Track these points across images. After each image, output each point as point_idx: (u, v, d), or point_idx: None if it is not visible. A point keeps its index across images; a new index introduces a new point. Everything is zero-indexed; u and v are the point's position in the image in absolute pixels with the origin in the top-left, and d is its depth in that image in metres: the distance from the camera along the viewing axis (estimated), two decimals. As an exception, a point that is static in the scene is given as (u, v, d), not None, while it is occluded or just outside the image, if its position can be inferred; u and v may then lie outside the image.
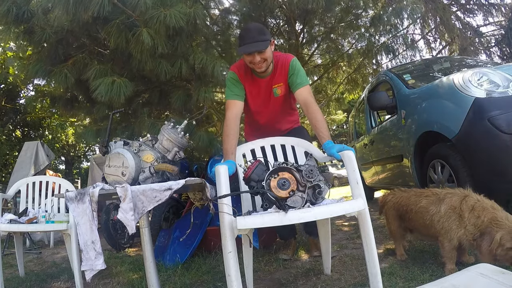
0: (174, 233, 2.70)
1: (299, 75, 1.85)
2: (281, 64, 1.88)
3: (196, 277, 2.08)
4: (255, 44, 1.73)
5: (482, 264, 1.02)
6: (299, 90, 1.82)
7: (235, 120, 1.79)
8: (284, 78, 1.89)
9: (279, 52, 1.97)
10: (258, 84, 1.93)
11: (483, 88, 1.96)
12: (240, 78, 1.90)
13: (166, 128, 1.74)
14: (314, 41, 5.28)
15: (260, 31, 1.76)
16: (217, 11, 4.61)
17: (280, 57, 1.90)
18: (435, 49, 7.33)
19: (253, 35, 1.74)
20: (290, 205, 1.27)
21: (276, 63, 1.89)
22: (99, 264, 1.45)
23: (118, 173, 1.59)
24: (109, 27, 2.65)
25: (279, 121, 2.10)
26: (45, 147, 5.83)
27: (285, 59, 1.88)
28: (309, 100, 1.79)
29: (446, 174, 2.20)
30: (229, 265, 1.24)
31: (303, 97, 1.81)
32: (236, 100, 1.86)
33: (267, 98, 1.96)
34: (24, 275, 2.57)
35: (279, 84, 1.92)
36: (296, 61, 1.89)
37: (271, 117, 2.05)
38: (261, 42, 1.73)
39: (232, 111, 1.82)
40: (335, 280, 1.71)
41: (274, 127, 2.08)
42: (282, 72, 1.89)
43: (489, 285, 0.91)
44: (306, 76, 1.90)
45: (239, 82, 1.90)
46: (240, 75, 1.90)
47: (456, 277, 0.98)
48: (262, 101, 1.98)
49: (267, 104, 1.98)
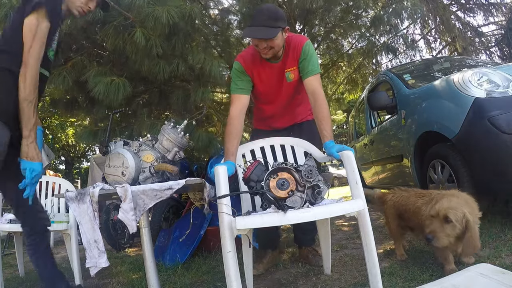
0: (174, 233, 2.70)
1: (312, 61, 1.73)
2: (293, 47, 1.75)
3: (196, 277, 2.08)
4: (261, 29, 1.59)
5: (482, 264, 1.02)
6: (310, 78, 1.72)
7: (238, 118, 1.70)
8: (297, 62, 1.77)
9: (292, 34, 1.82)
10: (270, 69, 1.80)
11: (483, 88, 1.96)
12: (246, 67, 1.77)
13: (166, 128, 1.74)
14: (314, 41, 5.28)
15: (271, 16, 1.61)
16: (217, 11, 4.61)
17: (293, 39, 1.76)
18: (435, 49, 7.35)
19: (263, 18, 1.60)
20: (289, 205, 1.28)
21: (288, 45, 1.75)
22: (103, 261, 1.46)
23: (118, 173, 1.60)
24: (106, 29, 2.65)
25: (292, 109, 1.97)
26: (45, 147, 5.82)
27: (298, 42, 1.75)
28: (318, 92, 1.70)
29: (446, 174, 2.20)
30: (228, 265, 1.24)
31: (312, 86, 1.71)
32: (241, 95, 1.76)
33: (279, 83, 1.82)
34: (24, 275, 2.57)
35: (292, 68, 1.78)
36: (309, 44, 1.76)
37: (284, 104, 1.91)
38: (269, 28, 1.59)
39: (236, 106, 1.73)
40: (335, 280, 1.71)
41: (286, 115, 1.97)
42: (294, 56, 1.76)
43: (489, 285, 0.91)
44: (318, 63, 1.79)
45: (244, 74, 1.78)
46: (247, 64, 1.77)
47: (456, 277, 0.98)
48: (273, 86, 1.84)
49: (279, 90, 1.85)
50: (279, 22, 1.62)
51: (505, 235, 1.90)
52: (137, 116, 3.54)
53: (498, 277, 0.92)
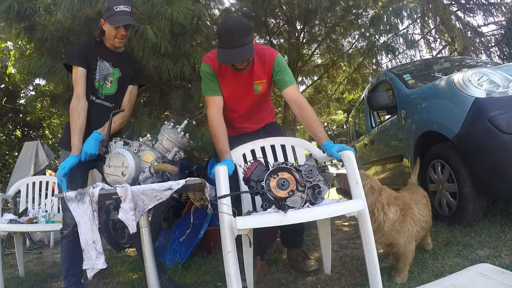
0: (174, 233, 2.70)
1: (286, 72, 1.73)
2: (263, 59, 1.72)
3: (196, 277, 2.08)
4: (238, 51, 1.52)
5: (482, 264, 1.02)
6: (288, 89, 1.72)
7: (218, 119, 1.72)
8: (267, 75, 1.75)
9: (259, 44, 1.80)
10: (236, 76, 1.74)
11: (483, 88, 1.96)
12: (215, 68, 1.73)
13: (166, 128, 1.73)
14: (314, 41, 5.28)
15: (242, 32, 1.52)
16: (217, 11, 4.61)
17: (263, 51, 1.74)
18: (435, 49, 7.35)
19: (235, 38, 1.51)
20: (290, 205, 1.28)
21: (257, 56, 1.71)
22: (100, 263, 1.46)
23: (118, 173, 1.59)
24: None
25: (256, 116, 1.94)
26: (45, 147, 5.83)
27: (269, 55, 1.72)
28: (301, 100, 1.70)
29: (446, 174, 2.20)
30: (228, 265, 1.24)
31: (293, 96, 1.71)
32: (215, 96, 1.75)
33: (246, 93, 1.79)
34: (24, 275, 2.57)
35: (261, 81, 1.76)
36: (281, 57, 1.75)
37: (247, 114, 1.89)
38: (245, 46, 1.52)
39: (213, 108, 1.73)
40: (335, 280, 1.71)
41: (247, 123, 1.94)
42: (265, 68, 1.73)
43: (489, 285, 0.91)
44: (292, 74, 1.78)
45: (214, 76, 1.74)
46: (214, 66, 1.73)
47: (456, 277, 0.99)
48: (240, 97, 1.81)
49: (244, 99, 1.82)
50: (250, 34, 1.57)
51: (505, 235, 1.90)
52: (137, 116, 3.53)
53: (498, 277, 0.93)
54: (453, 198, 2.19)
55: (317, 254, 2.17)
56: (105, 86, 1.88)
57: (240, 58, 1.57)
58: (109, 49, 1.88)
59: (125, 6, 1.81)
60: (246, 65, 1.68)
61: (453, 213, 2.19)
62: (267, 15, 4.49)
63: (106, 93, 1.89)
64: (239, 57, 1.56)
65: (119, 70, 1.91)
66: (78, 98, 1.77)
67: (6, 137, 10.49)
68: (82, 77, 1.79)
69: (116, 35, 1.81)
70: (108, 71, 1.88)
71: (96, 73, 1.84)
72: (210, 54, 1.77)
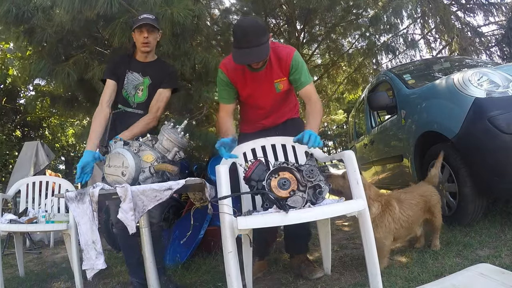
0: (174, 233, 2.70)
1: (303, 72, 1.74)
2: (281, 58, 1.73)
3: (196, 277, 2.09)
4: (253, 51, 1.52)
5: (482, 264, 1.02)
6: (304, 89, 1.75)
7: (228, 117, 1.81)
8: (286, 74, 1.76)
9: (276, 43, 1.82)
10: (256, 79, 1.75)
11: (483, 88, 1.96)
12: (229, 75, 1.76)
13: (166, 128, 1.73)
14: (314, 41, 5.28)
15: (258, 32, 1.52)
16: (217, 11, 4.61)
17: (280, 50, 1.74)
18: (435, 49, 7.35)
19: (250, 38, 1.51)
20: (291, 205, 1.27)
21: (274, 55, 1.72)
22: (100, 263, 1.45)
23: (118, 173, 1.59)
24: (112, 26, 2.65)
25: (279, 114, 1.94)
26: (45, 147, 5.82)
27: (286, 54, 1.72)
28: (314, 97, 1.74)
29: (446, 174, 2.20)
30: (229, 265, 1.24)
31: (309, 94, 1.74)
32: (227, 104, 1.83)
33: (268, 92, 1.80)
34: (24, 275, 2.57)
35: (281, 79, 1.77)
36: (298, 56, 1.75)
37: (272, 110, 1.90)
38: (260, 46, 1.53)
39: (224, 113, 1.82)
40: (335, 280, 1.71)
41: (270, 119, 1.93)
42: (282, 67, 1.74)
43: (489, 285, 0.91)
44: (308, 71, 1.80)
45: (228, 83, 1.78)
46: (229, 72, 1.75)
47: (456, 277, 0.99)
48: (263, 95, 1.82)
49: (268, 98, 1.83)
50: (266, 34, 1.56)
51: (505, 235, 1.90)
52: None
53: (498, 277, 0.93)
54: (453, 198, 2.19)
55: (317, 254, 2.17)
56: (137, 94, 1.97)
57: (256, 58, 1.57)
58: (138, 61, 1.97)
59: (149, 14, 1.93)
60: (262, 64, 1.68)
61: (453, 213, 2.19)
62: (267, 15, 4.50)
63: (138, 101, 1.97)
64: (255, 57, 1.57)
65: (149, 78, 1.97)
66: (101, 105, 1.88)
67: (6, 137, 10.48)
68: (108, 88, 1.91)
69: (141, 40, 1.90)
70: (138, 81, 1.96)
71: (125, 84, 1.95)
72: (225, 61, 1.79)
